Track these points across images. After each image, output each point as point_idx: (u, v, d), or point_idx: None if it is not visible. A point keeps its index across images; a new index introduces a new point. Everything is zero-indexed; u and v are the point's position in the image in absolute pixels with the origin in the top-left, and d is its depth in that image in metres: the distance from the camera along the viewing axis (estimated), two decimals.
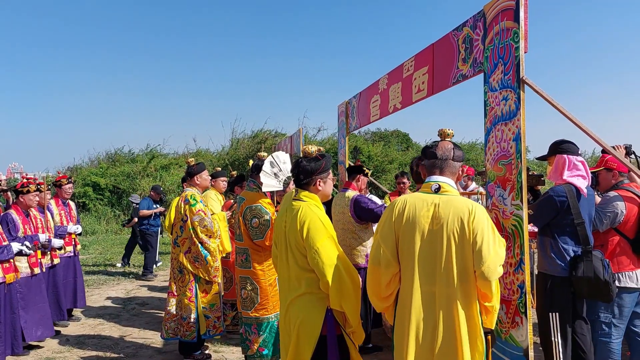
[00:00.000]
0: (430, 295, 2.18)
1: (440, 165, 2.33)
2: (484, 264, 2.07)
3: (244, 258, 3.58)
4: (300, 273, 2.47)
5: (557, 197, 3.06)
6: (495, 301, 2.20)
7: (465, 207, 2.15)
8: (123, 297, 7.05)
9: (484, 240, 2.08)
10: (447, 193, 2.25)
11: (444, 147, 2.36)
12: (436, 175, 2.33)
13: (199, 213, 4.24)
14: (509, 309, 2.92)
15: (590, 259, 2.95)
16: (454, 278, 2.14)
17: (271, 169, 3.40)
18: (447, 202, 2.19)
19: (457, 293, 2.14)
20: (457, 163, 2.36)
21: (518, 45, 2.78)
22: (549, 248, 3.13)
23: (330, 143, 17.66)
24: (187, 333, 4.27)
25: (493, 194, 3.07)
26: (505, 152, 2.94)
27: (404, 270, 2.26)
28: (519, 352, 2.83)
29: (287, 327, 2.54)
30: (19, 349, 4.29)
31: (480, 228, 2.10)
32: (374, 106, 5.20)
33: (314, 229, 2.40)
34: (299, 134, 9.00)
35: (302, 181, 2.58)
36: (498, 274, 2.11)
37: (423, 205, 2.22)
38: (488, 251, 2.08)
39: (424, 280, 2.19)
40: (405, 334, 2.22)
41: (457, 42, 3.43)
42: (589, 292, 2.97)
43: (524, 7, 2.79)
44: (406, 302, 2.24)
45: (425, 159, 2.40)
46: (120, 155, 18.59)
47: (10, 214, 4.57)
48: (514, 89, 2.83)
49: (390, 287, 2.31)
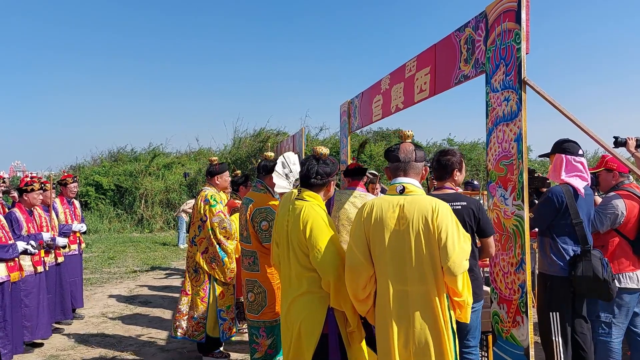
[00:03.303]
0: (402, 293, 2.21)
1: (403, 167, 2.38)
2: (449, 259, 2.11)
3: (252, 261, 3.50)
4: (302, 272, 2.49)
5: (555, 198, 3.09)
6: (467, 295, 2.23)
7: (429, 205, 2.19)
8: (126, 296, 7.09)
9: (448, 236, 2.13)
10: (411, 193, 2.29)
11: (406, 149, 2.41)
12: (400, 177, 2.37)
13: (219, 214, 4.22)
14: (510, 309, 2.94)
15: (589, 258, 2.97)
16: (427, 274, 2.17)
17: (283, 170, 3.39)
18: (411, 202, 2.23)
19: (432, 288, 2.18)
20: (420, 163, 2.41)
21: (520, 47, 2.80)
22: (548, 248, 3.16)
23: (332, 142, 17.68)
24: (196, 333, 4.27)
25: (494, 194, 3.09)
26: (506, 152, 2.95)
27: (377, 271, 2.30)
28: (519, 352, 2.85)
29: (288, 326, 2.56)
30: (21, 348, 4.32)
31: (445, 224, 2.14)
32: (376, 106, 5.21)
33: (317, 228, 2.42)
34: (301, 133, 9.03)
35: (318, 181, 2.60)
36: (464, 268, 2.16)
37: (389, 206, 2.26)
38: (453, 246, 2.12)
39: (395, 279, 2.22)
40: (385, 335, 2.26)
41: (459, 43, 3.45)
42: (589, 291, 2.99)
43: (526, 8, 2.80)
44: (382, 302, 2.28)
45: (389, 162, 2.45)
46: (123, 154, 18.63)
47: (14, 212, 4.60)
48: (516, 89, 2.84)
49: (367, 289, 2.33)
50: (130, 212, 16.52)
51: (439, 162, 3.01)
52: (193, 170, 17.38)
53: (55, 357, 4.56)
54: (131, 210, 16.53)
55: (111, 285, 7.86)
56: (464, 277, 2.21)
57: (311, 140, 18.06)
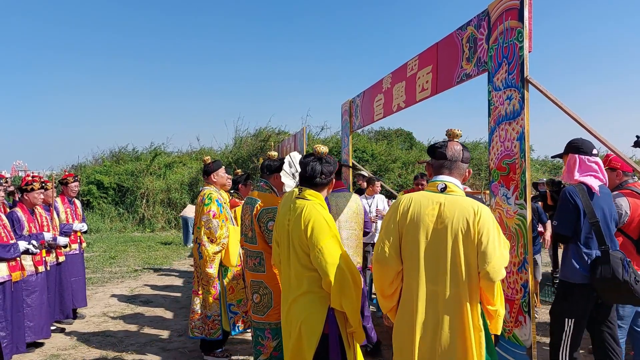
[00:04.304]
0: (433, 294, 2.17)
1: (449, 166, 2.33)
2: (489, 264, 2.06)
3: (257, 262, 3.44)
4: (303, 272, 2.48)
5: (569, 197, 2.99)
6: (499, 306, 2.19)
7: (470, 207, 2.15)
8: (127, 295, 7.08)
9: (489, 241, 2.08)
10: (453, 193, 2.24)
11: (454, 148, 2.35)
12: (444, 175, 2.33)
13: (208, 213, 4.21)
14: (512, 309, 2.92)
15: (609, 259, 2.85)
16: (461, 277, 2.13)
17: (290, 170, 3.38)
18: (452, 202, 2.19)
19: (465, 293, 2.13)
20: (465, 164, 2.37)
21: (522, 45, 2.78)
22: (570, 254, 3.04)
23: (334, 142, 17.65)
24: (212, 331, 4.27)
25: (497, 193, 3.07)
26: (509, 151, 2.94)
27: (406, 268, 2.25)
28: (522, 352, 2.84)
29: (288, 326, 2.55)
30: (23, 347, 4.32)
31: (486, 228, 2.10)
32: (378, 105, 5.20)
33: (319, 228, 2.41)
34: (303, 132, 9.02)
35: (323, 180, 2.59)
36: (502, 275, 2.11)
37: (428, 203, 2.22)
38: (494, 251, 2.08)
39: (426, 279, 2.18)
40: (407, 333, 2.22)
41: (461, 42, 3.43)
42: (611, 294, 2.86)
43: (529, 6, 2.78)
44: (408, 300, 2.24)
45: (434, 159, 2.40)
46: (124, 153, 18.65)
47: (16, 212, 4.59)
48: (518, 88, 2.83)
49: (393, 285, 2.30)
50: (131, 212, 16.52)
51: None
52: (194, 169, 17.38)
53: (57, 356, 4.56)
54: (132, 210, 16.53)
55: (112, 285, 7.86)
56: (499, 286, 2.17)
57: (313, 139, 18.04)
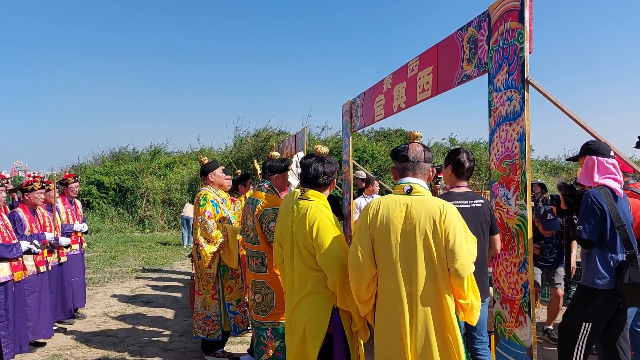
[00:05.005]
0: (408, 294, 2.20)
1: (412, 167, 2.37)
2: (457, 261, 2.11)
3: (259, 262, 3.45)
4: (307, 272, 2.49)
5: (594, 200, 2.91)
6: (472, 298, 2.23)
7: (437, 206, 2.19)
8: (128, 295, 7.10)
9: (456, 238, 2.12)
10: (419, 194, 2.28)
11: (415, 149, 2.40)
12: (408, 177, 2.37)
13: (203, 214, 4.22)
14: (512, 309, 2.93)
15: (636, 263, 2.79)
16: (436, 274, 2.17)
17: (297, 170, 3.38)
18: (419, 203, 2.23)
19: (443, 288, 2.18)
20: (428, 164, 2.41)
21: (523, 46, 2.79)
22: (595, 259, 2.95)
23: (334, 142, 17.67)
24: (212, 331, 4.29)
25: (497, 194, 3.08)
26: (509, 152, 2.95)
27: (380, 271, 2.28)
28: (522, 352, 2.85)
29: (292, 326, 2.57)
30: (26, 347, 4.33)
31: (452, 226, 2.14)
32: (378, 106, 5.21)
33: (324, 228, 2.43)
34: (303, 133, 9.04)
35: (325, 181, 2.61)
36: (471, 270, 2.16)
37: (396, 206, 2.25)
38: (461, 248, 2.12)
39: (400, 280, 2.21)
40: (386, 335, 2.25)
41: (462, 43, 3.44)
42: (637, 299, 2.82)
43: (529, 7, 2.79)
44: (385, 302, 2.27)
45: (397, 162, 2.44)
46: (124, 153, 18.66)
47: (17, 212, 4.61)
48: (519, 89, 2.84)
49: (370, 289, 2.32)
50: (131, 212, 16.54)
51: (470, 160, 3.02)
52: (194, 170, 17.40)
53: (58, 356, 4.57)
54: (132, 210, 16.55)
55: (113, 285, 7.87)
56: (470, 280, 2.20)
57: (313, 139, 18.06)
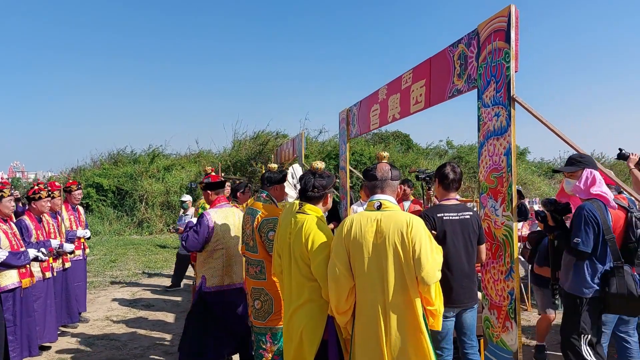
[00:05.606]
0: (382, 304, 2.36)
1: (380, 185, 2.56)
2: (423, 270, 2.29)
3: (258, 270, 3.58)
4: (304, 282, 2.64)
5: (589, 214, 2.99)
6: (438, 304, 2.40)
7: (404, 219, 2.37)
8: (129, 299, 7.21)
9: (422, 249, 2.31)
10: (388, 209, 2.47)
11: (382, 168, 2.60)
12: (378, 194, 2.55)
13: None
14: (499, 315, 3.08)
15: (622, 274, 2.92)
16: (406, 284, 2.33)
17: (292, 181, 3.51)
18: (388, 217, 2.41)
19: (413, 297, 2.34)
20: (395, 182, 2.60)
21: (509, 65, 2.94)
22: (584, 269, 3.04)
23: (332, 145, 17.81)
24: None
25: (486, 205, 3.23)
26: (497, 165, 3.10)
27: (357, 283, 2.44)
28: (509, 355, 3.00)
29: (289, 333, 2.72)
30: (36, 351, 4.45)
31: (418, 237, 2.32)
32: (374, 115, 5.36)
33: (319, 241, 2.58)
34: (301, 137, 9.19)
35: (315, 195, 2.75)
36: (437, 278, 2.34)
37: (367, 221, 2.43)
38: (427, 258, 2.30)
39: (374, 290, 2.38)
40: (365, 343, 2.41)
41: (453, 58, 3.59)
42: (622, 308, 2.96)
43: (515, 28, 2.94)
44: (362, 312, 2.43)
45: (367, 181, 2.63)
46: (123, 156, 18.71)
47: (24, 220, 4.73)
48: (505, 106, 2.99)
49: (349, 301, 2.47)
50: (130, 215, 16.61)
51: (455, 172, 3.06)
52: (193, 172, 17.50)
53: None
54: (131, 213, 16.63)
55: (114, 289, 7.98)
56: (436, 287, 2.38)
57: (311, 143, 18.19)
